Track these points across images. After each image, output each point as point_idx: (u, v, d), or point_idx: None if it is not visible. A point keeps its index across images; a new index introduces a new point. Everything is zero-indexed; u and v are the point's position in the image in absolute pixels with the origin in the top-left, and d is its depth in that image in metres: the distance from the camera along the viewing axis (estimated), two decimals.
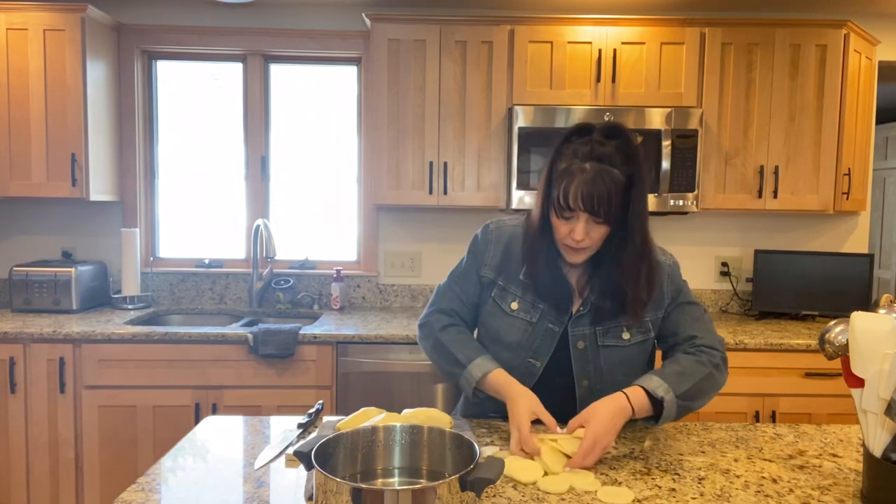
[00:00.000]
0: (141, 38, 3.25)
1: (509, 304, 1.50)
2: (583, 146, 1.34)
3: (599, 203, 1.30)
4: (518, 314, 1.49)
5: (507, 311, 1.50)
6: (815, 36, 2.96)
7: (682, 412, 1.38)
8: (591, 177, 1.30)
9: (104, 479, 2.67)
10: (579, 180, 1.31)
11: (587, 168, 1.31)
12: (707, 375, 1.42)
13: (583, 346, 1.47)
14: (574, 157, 1.34)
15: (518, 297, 1.49)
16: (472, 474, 0.95)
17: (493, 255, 1.53)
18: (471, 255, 1.57)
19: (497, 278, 1.52)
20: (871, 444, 1.11)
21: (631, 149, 1.34)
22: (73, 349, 2.64)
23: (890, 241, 5.99)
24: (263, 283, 3.25)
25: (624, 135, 1.35)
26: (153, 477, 1.21)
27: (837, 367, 2.64)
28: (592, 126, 1.37)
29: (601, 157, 1.32)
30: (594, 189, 1.30)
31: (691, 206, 2.91)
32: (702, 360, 1.43)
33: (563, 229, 1.37)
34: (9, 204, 3.31)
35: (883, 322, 1.09)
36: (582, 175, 1.31)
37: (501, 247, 1.52)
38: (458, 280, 1.58)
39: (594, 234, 1.36)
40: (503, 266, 1.51)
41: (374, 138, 3.00)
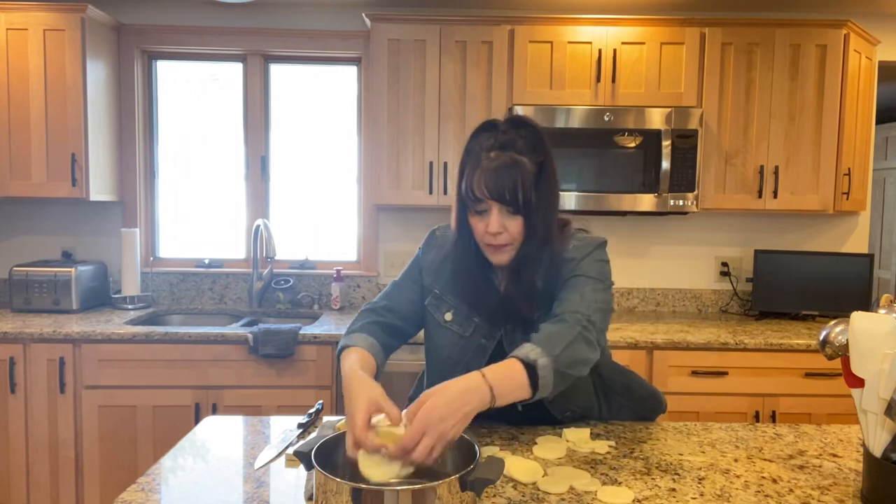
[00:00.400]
0: (141, 38, 3.25)
1: (443, 314, 1.45)
2: (487, 139, 1.33)
3: (507, 190, 1.28)
4: (451, 326, 1.44)
5: (441, 322, 1.45)
6: (815, 36, 2.96)
7: (560, 381, 1.20)
8: (497, 164, 1.29)
9: (104, 479, 2.67)
10: (484, 167, 1.29)
11: (492, 156, 1.30)
12: (577, 336, 1.24)
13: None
14: (480, 149, 1.32)
15: (453, 308, 1.44)
16: (472, 474, 0.95)
17: (431, 260, 1.49)
18: (417, 257, 1.53)
19: (433, 285, 1.47)
20: (871, 444, 1.11)
21: (538, 137, 1.33)
22: (73, 349, 2.64)
23: (890, 241, 5.99)
24: (263, 283, 3.25)
25: (530, 125, 1.34)
26: (153, 477, 1.21)
27: (837, 367, 2.64)
28: (497, 121, 1.36)
29: (505, 145, 1.30)
30: (499, 176, 1.28)
31: (691, 206, 2.91)
32: (567, 321, 1.27)
33: (479, 226, 1.34)
34: (9, 204, 3.31)
35: (883, 322, 1.09)
36: (487, 163, 1.29)
37: (442, 253, 1.48)
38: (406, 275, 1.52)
39: (511, 227, 1.32)
40: (439, 273, 1.47)
41: (373, 138, 3.00)
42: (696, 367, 2.69)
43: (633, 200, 2.91)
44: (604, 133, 2.87)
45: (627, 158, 2.89)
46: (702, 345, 2.68)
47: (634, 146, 2.89)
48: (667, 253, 3.40)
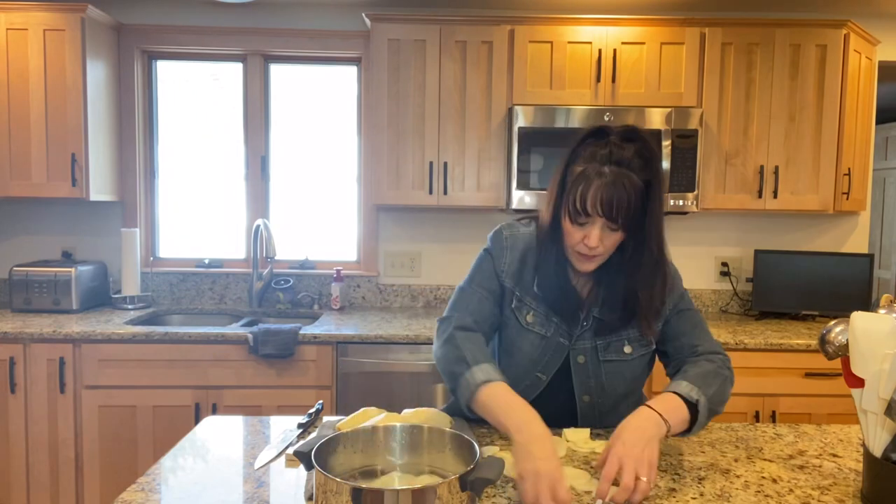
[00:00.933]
0: (141, 38, 3.25)
1: (525, 316, 1.44)
2: (601, 149, 1.27)
3: (618, 209, 1.25)
4: (533, 327, 1.43)
5: (523, 324, 1.44)
6: (815, 36, 2.96)
7: (710, 417, 1.30)
8: (611, 181, 1.24)
9: (104, 479, 2.67)
10: (598, 184, 1.25)
11: (606, 172, 1.25)
12: (725, 378, 1.36)
13: (583, 360, 1.43)
14: (592, 160, 1.27)
15: (533, 310, 1.43)
16: (472, 474, 0.95)
17: (509, 263, 1.45)
18: (488, 260, 1.48)
19: (515, 288, 1.45)
20: (871, 444, 1.11)
21: (650, 153, 1.29)
22: (73, 349, 2.64)
23: (890, 241, 5.99)
24: (263, 283, 3.25)
25: (642, 139, 1.30)
26: (153, 477, 1.21)
27: (837, 367, 2.64)
28: (610, 129, 1.31)
29: (620, 162, 1.26)
30: (613, 194, 1.24)
31: (691, 206, 2.91)
32: (715, 362, 1.37)
33: (576, 235, 1.31)
34: (9, 204, 3.31)
35: (883, 322, 1.09)
36: (600, 179, 1.25)
37: (517, 255, 1.45)
38: (481, 280, 1.47)
39: (608, 241, 1.30)
40: (519, 276, 1.44)
41: (374, 138, 3.00)
42: None
43: None
44: None
45: None
46: None
47: None
48: None
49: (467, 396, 1.29)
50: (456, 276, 3.37)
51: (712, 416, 1.31)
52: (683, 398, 1.26)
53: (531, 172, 2.87)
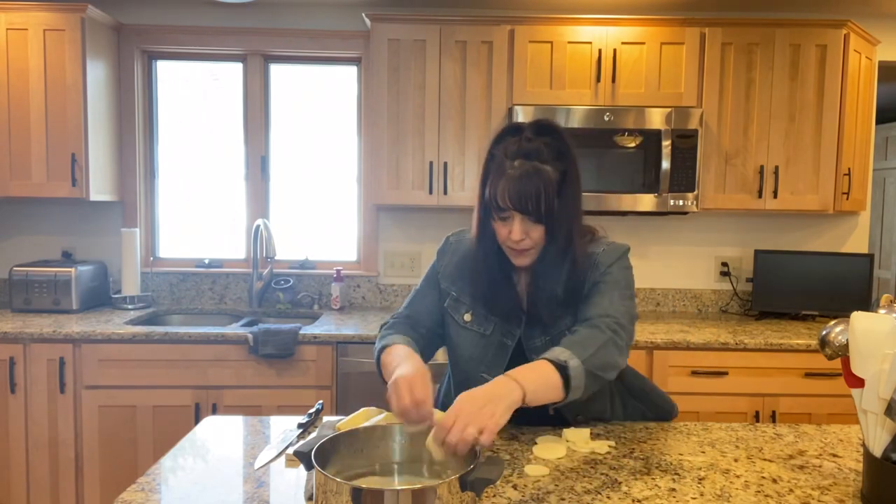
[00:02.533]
0: (141, 38, 3.25)
1: (462, 315, 1.48)
2: (512, 145, 1.32)
3: (529, 200, 1.28)
4: (471, 326, 1.47)
5: (461, 323, 1.48)
6: (815, 36, 2.96)
7: (592, 382, 1.24)
8: (519, 174, 1.29)
9: (104, 479, 2.67)
10: (508, 177, 1.29)
11: (516, 165, 1.30)
12: (607, 341, 1.29)
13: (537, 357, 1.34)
14: (504, 156, 1.32)
15: (471, 309, 1.47)
16: (472, 474, 0.95)
17: (446, 265, 1.52)
18: (433, 264, 1.56)
19: (450, 288, 1.50)
20: (871, 444, 1.11)
21: (563, 145, 1.33)
22: (73, 349, 2.64)
23: (890, 241, 5.99)
24: (263, 283, 3.25)
25: (555, 132, 1.34)
26: (153, 477, 1.21)
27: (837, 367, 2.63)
28: (522, 125, 1.36)
29: (529, 154, 1.30)
30: (522, 187, 1.28)
31: (691, 206, 2.91)
32: (599, 326, 1.31)
33: (502, 231, 1.35)
34: (9, 204, 3.31)
35: (883, 322, 1.09)
36: (511, 172, 1.30)
37: (457, 258, 1.50)
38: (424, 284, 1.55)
39: (534, 233, 1.33)
40: (456, 276, 1.49)
41: (373, 138, 3.00)
42: (696, 367, 2.69)
43: (633, 200, 2.91)
44: (604, 133, 2.87)
45: (627, 158, 2.89)
46: (702, 345, 2.68)
47: (634, 146, 2.89)
48: (667, 253, 3.40)
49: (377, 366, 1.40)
50: None
51: (598, 381, 1.26)
52: (553, 362, 1.21)
53: None
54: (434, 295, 1.52)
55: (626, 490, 1.17)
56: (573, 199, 1.35)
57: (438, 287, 1.52)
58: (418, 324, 1.50)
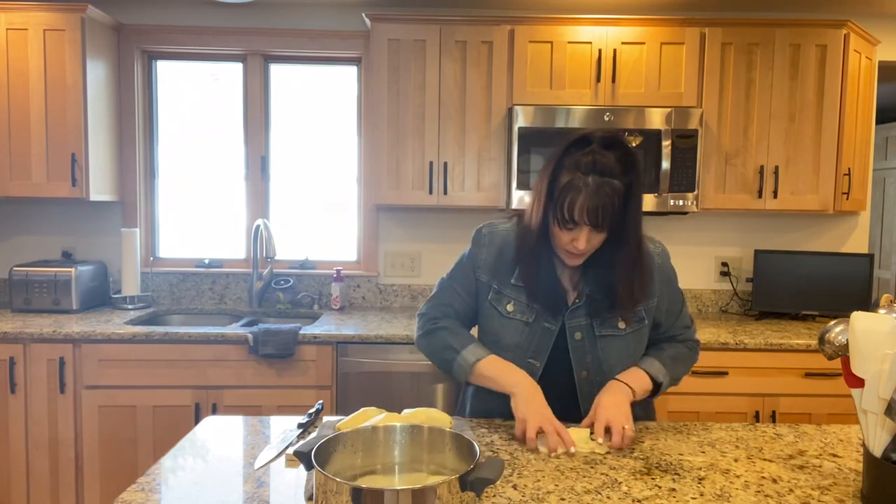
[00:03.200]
0: (141, 38, 3.25)
1: (505, 306, 1.52)
2: (584, 157, 1.35)
3: (603, 216, 1.34)
4: (514, 316, 1.51)
5: (504, 314, 1.52)
6: (815, 36, 2.96)
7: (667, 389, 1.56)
8: (595, 190, 1.33)
9: (104, 479, 2.67)
10: (584, 195, 1.33)
11: (590, 182, 1.33)
12: (691, 359, 1.61)
13: (580, 336, 1.50)
14: (576, 169, 1.35)
15: (513, 299, 1.52)
16: (472, 474, 0.95)
17: (485, 258, 1.55)
18: (468, 257, 1.59)
19: (491, 281, 1.54)
20: (871, 444, 1.11)
21: (630, 158, 1.37)
22: (73, 349, 2.64)
23: (890, 241, 5.99)
24: (263, 283, 3.25)
25: (623, 145, 1.38)
26: (153, 477, 1.21)
27: (837, 367, 2.65)
28: (591, 136, 1.38)
29: (603, 171, 1.33)
30: (598, 203, 1.33)
31: (691, 206, 2.91)
32: (690, 346, 1.61)
33: (564, 238, 1.40)
34: (9, 204, 3.31)
35: (883, 322, 1.09)
36: (586, 189, 1.33)
37: (494, 251, 1.55)
38: (457, 277, 1.60)
39: (594, 240, 1.40)
40: (496, 269, 1.54)
41: (374, 138, 3.00)
42: (696, 366, 2.67)
43: None
44: None
45: None
46: (702, 345, 2.67)
47: (634, 146, 2.89)
48: None
49: (465, 374, 1.50)
50: None
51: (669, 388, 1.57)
52: (651, 377, 1.50)
53: (531, 172, 2.87)
54: (470, 289, 1.58)
55: (626, 490, 1.17)
56: (639, 208, 1.42)
57: (475, 280, 1.57)
58: (462, 319, 1.59)
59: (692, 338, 1.62)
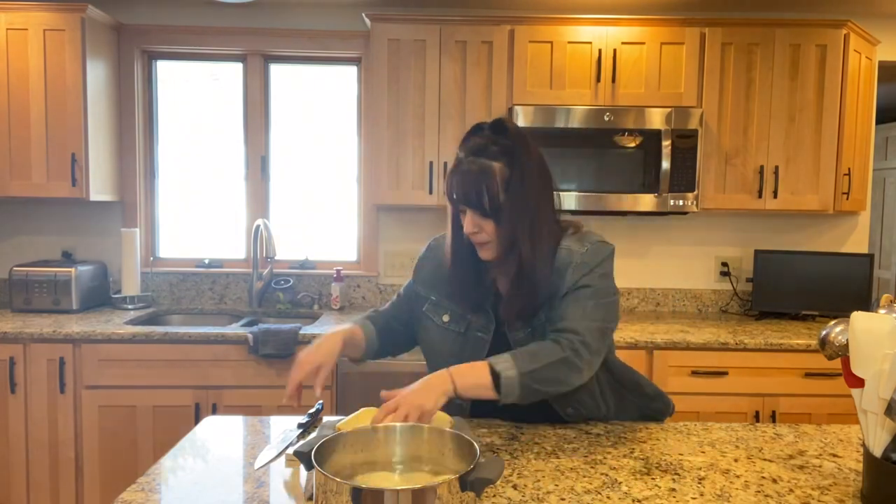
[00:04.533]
0: (141, 38, 3.25)
1: (441, 316, 1.53)
2: (469, 143, 1.38)
3: (472, 194, 1.34)
4: (449, 326, 1.52)
5: (439, 324, 1.53)
6: (815, 36, 2.96)
7: (529, 394, 1.32)
8: (465, 169, 1.35)
9: (104, 479, 2.67)
10: (458, 175, 1.36)
11: (464, 161, 1.36)
12: (562, 360, 1.33)
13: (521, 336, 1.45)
14: (461, 152, 1.39)
15: (449, 311, 1.52)
16: (472, 474, 0.95)
17: (425, 272, 1.58)
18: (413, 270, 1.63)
19: (429, 293, 1.55)
20: (871, 444, 1.11)
21: (513, 140, 1.37)
22: (73, 349, 2.64)
23: (890, 241, 5.99)
24: (263, 283, 3.25)
25: (508, 128, 1.38)
26: (153, 477, 1.21)
27: (837, 367, 2.64)
28: (484, 124, 1.41)
29: (477, 151, 1.36)
30: (466, 181, 1.34)
31: (691, 206, 2.91)
32: (560, 342, 1.35)
33: (465, 226, 1.40)
34: (9, 204, 3.31)
35: (883, 322, 1.09)
36: (460, 168, 1.36)
37: (434, 263, 1.56)
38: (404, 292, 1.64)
39: (486, 227, 1.37)
40: (434, 281, 1.54)
41: (373, 138, 3.00)
42: (696, 367, 2.69)
43: (633, 200, 2.91)
44: (604, 133, 2.87)
45: (627, 158, 2.90)
46: (702, 345, 2.68)
47: (634, 146, 2.89)
48: (667, 253, 3.40)
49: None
50: None
51: (537, 394, 1.33)
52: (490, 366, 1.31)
53: None
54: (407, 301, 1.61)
55: (626, 490, 1.17)
56: (522, 197, 1.36)
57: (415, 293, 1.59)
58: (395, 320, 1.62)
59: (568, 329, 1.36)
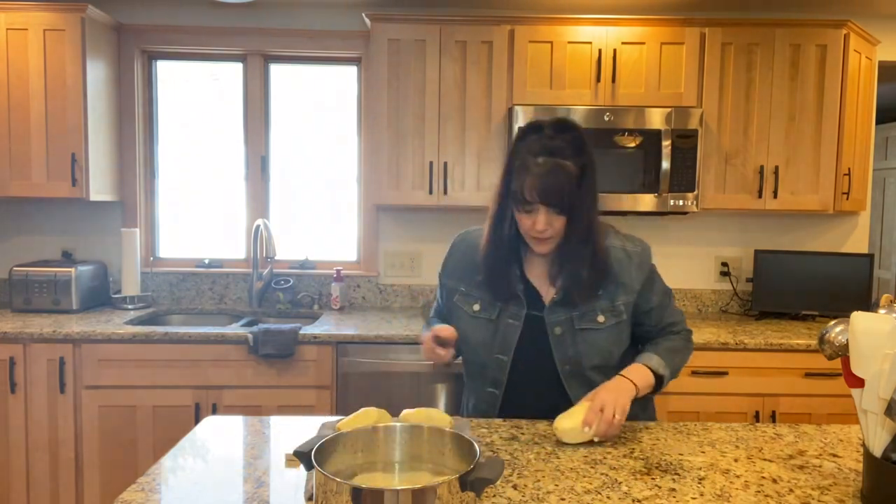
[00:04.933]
0: (141, 38, 3.25)
1: (472, 306, 1.58)
2: (535, 143, 1.43)
3: (554, 194, 1.39)
4: (480, 315, 1.57)
5: (470, 314, 1.58)
6: (815, 36, 2.96)
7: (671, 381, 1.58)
8: (545, 170, 1.39)
9: (104, 479, 2.67)
10: (535, 174, 1.40)
11: (540, 162, 1.40)
12: (686, 349, 1.63)
13: (560, 331, 1.53)
14: (528, 153, 1.43)
15: (479, 299, 1.57)
16: (472, 474, 0.95)
17: (452, 264, 1.64)
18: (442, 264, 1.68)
19: (458, 285, 1.61)
20: (871, 444, 1.11)
21: (580, 141, 1.44)
22: (73, 349, 2.64)
23: (890, 241, 5.99)
24: (263, 283, 3.25)
25: (573, 129, 1.45)
26: (153, 477, 1.21)
27: (837, 367, 2.64)
28: (543, 123, 1.46)
29: (553, 151, 1.41)
30: (547, 181, 1.39)
31: (691, 206, 2.91)
32: (684, 335, 1.64)
33: (526, 222, 1.46)
34: (9, 204, 3.31)
35: (883, 322, 1.09)
36: (537, 169, 1.40)
37: (459, 255, 1.63)
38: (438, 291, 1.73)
39: (556, 223, 1.44)
40: (463, 273, 1.61)
41: (374, 138, 2.99)
42: (696, 367, 2.69)
43: (633, 200, 2.91)
44: (604, 133, 2.87)
45: (627, 158, 2.89)
46: (702, 345, 2.68)
47: (634, 146, 2.89)
48: (667, 253, 3.40)
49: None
50: None
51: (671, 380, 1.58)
52: (652, 371, 1.50)
53: None
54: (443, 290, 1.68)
55: (626, 490, 1.17)
56: (592, 190, 1.46)
57: (445, 287, 1.66)
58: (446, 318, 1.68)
59: (684, 328, 1.65)
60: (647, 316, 1.60)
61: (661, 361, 1.53)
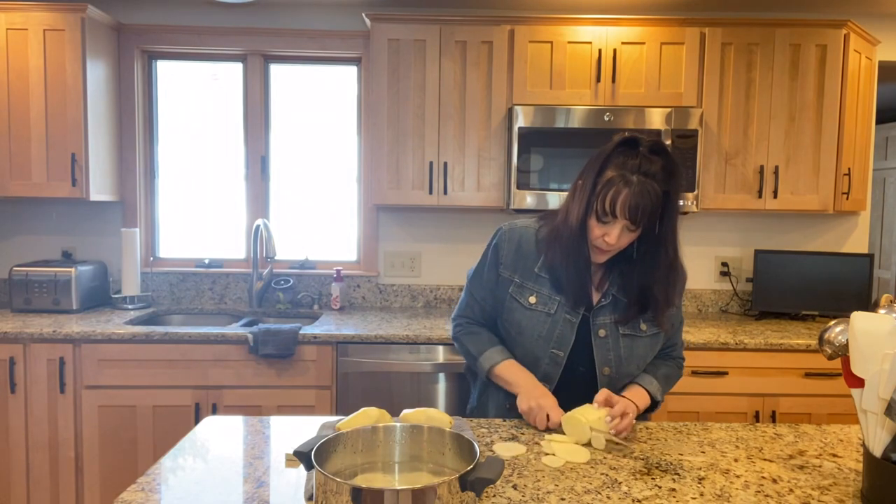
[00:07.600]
0: (141, 38, 3.25)
1: (527, 298, 1.58)
2: (631, 159, 1.43)
3: (642, 214, 1.41)
4: (536, 307, 1.57)
5: (526, 306, 1.58)
6: (815, 36, 2.96)
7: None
8: (638, 190, 1.40)
9: (104, 479, 2.67)
10: (628, 191, 1.40)
11: (634, 181, 1.41)
12: (677, 378, 1.69)
13: (604, 334, 1.55)
14: (623, 167, 1.43)
15: (535, 292, 1.58)
16: (472, 474, 0.95)
17: (506, 255, 1.62)
18: (490, 254, 1.66)
19: (513, 276, 1.61)
20: (871, 444, 1.11)
21: (673, 167, 1.45)
22: (73, 349, 2.64)
23: (890, 241, 5.99)
24: (263, 283, 3.25)
25: (668, 154, 1.46)
26: (153, 477, 1.21)
27: (837, 367, 2.64)
28: (639, 140, 1.46)
29: (647, 173, 1.41)
30: (640, 201, 1.40)
31: (691, 206, 2.91)
32: (678, 364, 1.69)
33: (597, 232, 1.47)
34: (9, 204, 3.31)
35: (883, 322, 1.09)
36: (630, 187, 1.40)
37: (513, 246, 1.62)
38: (479, 276, 1.68)
39: (624, 239, 1.47)
40: (517, 264, 1.61)
41: (373, 138, 3.00)
42: (696, 367, 2.69)
43: None
44: (604, 133, 2.87)
45: None
46: (702, 345, 2.68)
47: None
48: None
49: (484, 376, 1.65)
50: (456, 276, 3.37)
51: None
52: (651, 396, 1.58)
53: (531, 172, 2.87)
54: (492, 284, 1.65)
55: (626, 490, 1.17)
56: (676, 215, 1.50)
57: (497, 275, 1.63)
58: (486, 313, 1.68)
59: (681, 355, 1.70)
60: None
61: (660, 388, 1.60)
